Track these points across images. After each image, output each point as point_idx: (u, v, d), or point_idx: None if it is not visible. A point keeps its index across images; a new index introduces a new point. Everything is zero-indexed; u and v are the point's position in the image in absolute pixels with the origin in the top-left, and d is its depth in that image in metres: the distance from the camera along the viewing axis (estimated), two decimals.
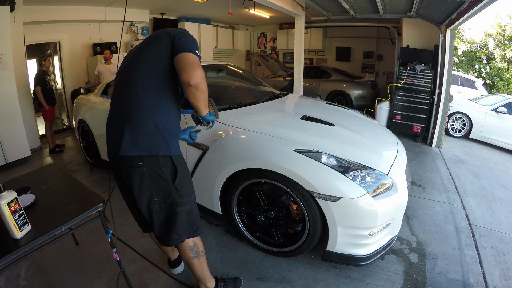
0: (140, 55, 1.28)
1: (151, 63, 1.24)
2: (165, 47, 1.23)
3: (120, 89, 1.32)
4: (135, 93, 1.23)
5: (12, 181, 1.60)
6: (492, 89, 12.30)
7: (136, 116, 1.21)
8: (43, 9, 4.73)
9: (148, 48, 1.28)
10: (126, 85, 1.27)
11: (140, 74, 1.24)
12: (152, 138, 1.22)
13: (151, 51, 1.26)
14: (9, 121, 3.56)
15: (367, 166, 1.67)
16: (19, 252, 1.08)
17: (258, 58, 8.70)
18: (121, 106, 1.27)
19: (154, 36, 1.31)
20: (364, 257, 1.67)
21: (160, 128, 1.23)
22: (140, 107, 1.21)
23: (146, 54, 1.26)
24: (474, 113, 5.77)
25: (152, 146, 1.22)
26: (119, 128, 1.24)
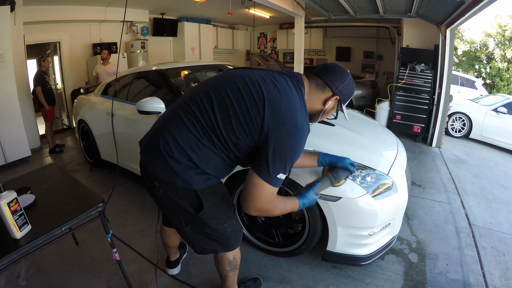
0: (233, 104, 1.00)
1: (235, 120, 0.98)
2: (254, 132, 0.97)
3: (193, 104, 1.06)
4: (188, 122, 1.03)
5: (12, 181, 1.60)
6: (492, 89, 12.30)
7: (169, 137, 1.05)
8: (43, 9, 4.73)
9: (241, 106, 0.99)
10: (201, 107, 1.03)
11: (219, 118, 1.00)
12: (171, 165, 1.04)
13: (242, 114, 0.98)
14: (9, 121, 3.56)
15: (367, 166, 1.67)
16: (19, 252, 1.08)
17: (258, 58, 8.70)
18: (176, 122, 1.06)
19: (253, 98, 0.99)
20: (364, 257, 1.67)
21: (195, 163, 1.04)
22: (179, 132, 1.04)
23: (238, 110, 0.98)
24: (474, 113, 5.77)
25: (169, 173, 1.05)
26: (157, 139, 1.09)
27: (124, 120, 2.65)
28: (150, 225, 2.25)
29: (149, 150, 1.13)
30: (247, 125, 0.97)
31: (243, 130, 0.98)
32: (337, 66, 1.14)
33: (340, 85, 1.11)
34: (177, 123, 1.06)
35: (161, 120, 1.17)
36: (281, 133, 0.95)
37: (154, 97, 2.13)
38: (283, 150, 0.96)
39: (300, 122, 0.97)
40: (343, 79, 1.11)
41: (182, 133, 1.04)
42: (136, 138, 2.66)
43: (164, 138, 1.06)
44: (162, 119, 1.17)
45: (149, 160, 1.12)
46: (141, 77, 2.85)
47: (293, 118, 0.96)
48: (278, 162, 0.96)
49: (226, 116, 0.99)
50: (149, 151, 1.13)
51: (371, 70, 8.96)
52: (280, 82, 1.03)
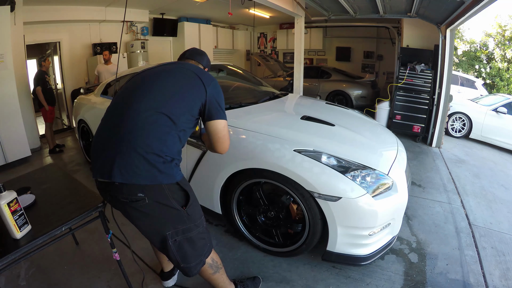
0: (166, 85, 1.21)
1: (179, 98, 1.18)
2: (197, 101, 1.21)
3: (128, 105, 1.17)
4: (147, 117, 1.12)
5: (12, 181, 1.60)
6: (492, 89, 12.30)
7: (140, 141, 1.08)
8: (43, 9, 4.73)
9: (177, 84, 1.22)
10: (138, 106, 1.15)
11: (161, 103, 1.15)
12: (154, 165, 1.09)
13: (180, 91, 1.20)
14: (9, 121, 3.56)
15: (367, 166, 1.67)
16: (19, 252, 1.08)
17: (258, 58, 8.71)
18: (125, 125, 1.12)
19: (185, 76, 1.26)
20: (364, 257, 1.67)
21: (166, 156, 1.12)
22: (149, 133, 1.10)
23: (174, 90, 1.20)
24: (474, 113, 5.77)
25: (154, 175, 1.09)
26: (115, 148, 1.09)
27: None
28: None
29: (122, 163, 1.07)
30: (193, 98, 1.21)
31: (191, 107, 1.21)
32: (198, 49, 1.53)
33: (206, 60, 1.50)
34: (141, 122, 1.11)
35: (115, 130, 1.14)
36: (215, 87, 1.27)
37: None
38: (221, 94, 1.29)
39: (212, 76, 1.33)
40: (205, 55, 1.51)
41: (150, 130, 1.11)
42: None
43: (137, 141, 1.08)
44: (117, 128, 1.14)
45: (126, 174, 1.07)
46: None
47: (211, 76, 1.32)
48: (222, 103, 1.29)
49: (177, 102, 1.18)
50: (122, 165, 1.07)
51: (371, 70, 8.96)
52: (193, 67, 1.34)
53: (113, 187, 1.10)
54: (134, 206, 1.12)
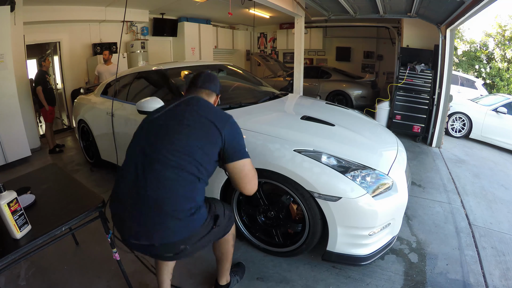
0: (182, 138, 1.16)
1: (198, 151, 1.15)
2: (215, 147, 1.19)
3: (150, 164, 1.13)
4: (171, 177, 1.11)
5: (12, 181, 1.60)
6: (492, 89, 12.29)
7: (169, 204, 1.09)
8: (43, 9, 4.73)
9: (193, 135, 1.17)
10: (160, 166, 1.12)
11: (181, 159, 1.12)
12: (188, 220, 1.12)
13: (198, 140, 1.16)
14: (9, 121, 3.56)
15: (367, 166, 1.67)
16: (19, 252, 1.08)
17: (258, 58, 8.71)
18: (150, 188, 1.10)
19: (200, 123, 1.20)
20: (364, 257, 1.67)
21: (195, 209, 1.15)
22: (176, 194, 1.11)
23: (191, 141, 1.15)
24: (474, 113, 5.77)
25: (191, 225, 1.14)
26: (146, 214, 1.09)
27: (124, 120, 2.65)
28: None
29: (154, 225, 1.09)
30: (211, 150, 1.19)
31: (210, 154, 1.20)
32: (210, 74, 1.44)
33: (218, 86, 1.44)
34: (166, 181, 1.10)
35: (137, 186, 1.12)
36: (231, 127, 1.24)
37: (154, 97, 2.13)
38: (239, 134, 1.28)
39: (226, 114, 1.29)
40: (217, 81, 1.44)
41: (176, 188, 1.12)
42: None
43: (165, 203, 1.09)
44: (137, 184, 1.12)
45: (163, 236, 1.10)
46: (141, 77, 2.85)
47: (224, 114, 1.28)
48: (242, 141, 1.28)
49: (199, 150, 1.16)
50: (154, 227, 1.09)
51: (371, 70, 8.96)
52: (207, 102, 1.34)
53: (154, 248, 1.14)
54: (179, 255, 1.19)
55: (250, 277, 1.74)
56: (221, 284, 1.56)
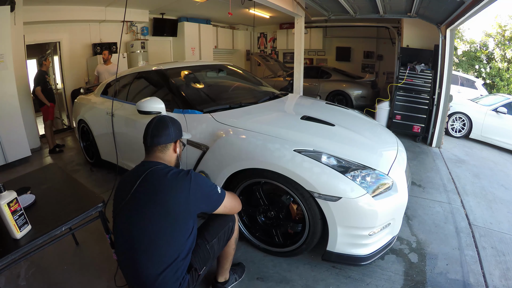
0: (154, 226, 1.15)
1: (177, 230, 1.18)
2: (187, 209, 1.19)
3: (138, 265, 1.15)
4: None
5: (12, 181, 1.60)
6: (492, 89, 12.29)
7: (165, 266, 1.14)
8: (43, 9, 4.73)
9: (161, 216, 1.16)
10: (145, 265, 1.14)
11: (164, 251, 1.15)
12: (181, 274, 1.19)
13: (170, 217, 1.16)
14: (9, 121, 3.56)
15: (367, 166, 1.67)
16: (19, 252, 1.08)
17: (258, 58, 8.71)
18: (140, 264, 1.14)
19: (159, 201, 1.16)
20: (364, 257, 1.67)
21: (183, 258, 1.19)
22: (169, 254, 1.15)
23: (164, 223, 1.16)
24: (474, 113, 5.77)
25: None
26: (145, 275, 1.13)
27: (124, 120, 2.65)
28: None
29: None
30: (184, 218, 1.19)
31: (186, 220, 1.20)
32: (158, 124, 1.33)
33: (172, 133, 1.33)
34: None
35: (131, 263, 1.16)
36: (189, 187, 1.18)
37: (154, 97, 2.13)
38: (201, 187, 1.22)
39: (181, 172, 1.22)
40: (169, 129, 1.32)
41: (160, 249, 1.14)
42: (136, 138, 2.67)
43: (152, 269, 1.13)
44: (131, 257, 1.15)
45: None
46: (141, 77, 2.85)
47: (178, 175, 1.20)
48: (210, 190, 1.26)
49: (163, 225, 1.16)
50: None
51: (371, 70, 8.96)
52: (159, 173, 1.22)
53: None
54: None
55: (250, 277, 1.74)
56: (219, 281, 1.60)
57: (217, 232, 1.37)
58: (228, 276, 1.62)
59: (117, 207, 1.23)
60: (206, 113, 2.09)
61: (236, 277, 1.70)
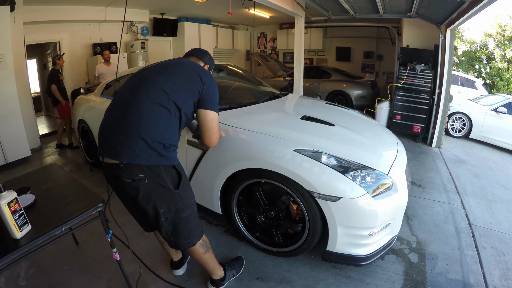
0: (168, 77, 1.34)
1: (177, 90, 1.31)
2: (195, 90, 1.34)
3: (134, 96, 1.31)
4: (152, 107, 1.26)
5: (12, 181, 1.59)
6: (492, 89, 12.30)
7: (145, 129, 1.23)
8: (43, 9, 4.73)
9: (177, 76, 1.36)
10: (144, 95, 1.28)
11: (164, 92, 1.28)
12: (155, 150, 1.24)
13: (180, 81, 1.34)
14: (9, 121, 3.55)
15: (367, 166, 1.67)
16: (19, 252, 1.08)
17: (258, 58, 8.70)
18: (132, 113, 1.26)
19: (185, 69, 1.41)
20: (364, 257, 1.67)
21: (167, 142, 1.27)
22: (154, 122, 1.25)
23: (174, 81, 1.33)
24: (474, 113, 5.77)
25: (155, 157, 1.24)
26: (123, 133, 1.24)
27: None
28: None
29: (127, 145, 1.22)
30: (192, 90, 1.35)
31: (191, 94, 1.35)
32: (201, 49, 1.69)
33: (207, 57, 1.65)
34: (148, 110, 1.25)
35: (122, 115, 1.28)
36: (210, 82, 1.41)
37: None
38: (216, 88, 1.43)
39: (209, 74, 1.46)
40: (207, 53, 1.66)
41: (156, 117, 1.25)
42: None
43: (142, 126, 1.22)
44: (123, 114, 1.28)
45: (130, 155, 1.21)
46: None
47: (207, 74, 1.44)
48: (216, 96, 1.43)
49: (181, 91, 1.33)
50: (126, 147, 1.21)
51: (371, 70, 8.96)
52: (189, 60, 1.52)
53: (118, 168, 1.24)
54: (135, 186, 1.24)
55: (250, 277, 1.74)
56: (213, 279, 1.61)
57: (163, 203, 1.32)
58: (222, 273, 1.62)
59: (141, 72, 1.43)
60: None
61: (234, 272, 1.70)
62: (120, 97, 1.36)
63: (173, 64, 1.44)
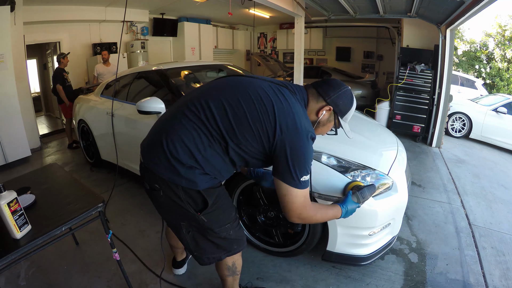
0: (240, 108, 1.03)
1: (242, 121, 1.02)
2: (264, 139, 1.02)
3: (184, 107, 1.10)
4: (191, 124, 1.05)
5: (12, 181, 1.60)
6: (492, 89, 12.30)
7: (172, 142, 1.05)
8: (43, 9, 4.73)
9: (252, 112, 1.02)
10: (190, 108, 1.07)
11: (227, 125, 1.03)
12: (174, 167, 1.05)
13: (253, 122, 1.01)
14: (9, 121, 3.56)
15: (367, 166, 1.67)
16: (19, 252, 1.08)
17: (258, 58, 8.69)
18: (172, 122, 1.10)
19: (260, 105, 1.03)
20: (364, 257, 1.67)
21: (191, 166, 1.06)
22: (184, 139, 1.05)
23: (246, 117, 1.02)
24: (474, 113, 5.77)
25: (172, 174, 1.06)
26: (157, 138, 1.10)
27: (124, 120, 2.65)
28: (151, 225, 2.25)
29: (152, 150, 1.11)
30: (258, 132, 1.02)
31: (253, 137, 1.03)
32: (333, 80, 1.19)
33: (334, 95, 1.13)
34: (183, 124, 1.06)
35: (163, 121, 1.16)
36: (292, 138, 1.00)
37: (154, 97, 2.13)
38: (299, 153, 1.00)
39: (305, 126, 1.04)
40: (337, 90, 1.14)
41: (188, 134, 1.05)
42: (136, 138, 2.66)
43: (169, 138, 1.06)
44: (164, 120, 1.16)
45: (151, 161, 1.10)
46: (141, 77, 2.85)
47: (301, 124, 1.02)
48: (298, 165, 1.01)
49: (239, 123, 1.02)
50: (151, 152, 1.11)
51: (371, 70, 8.96)
52: (286, 94, 1.08)
53: (142, 167, 1.17)
54: (152, 194, 1.16)
55: (250, 277, 1.74)
56: None
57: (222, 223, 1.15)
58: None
59: (211, 83, 1.19)
60: None
61: None
62: (180, 99, 1.20)
63: (257, 91, 1.06)
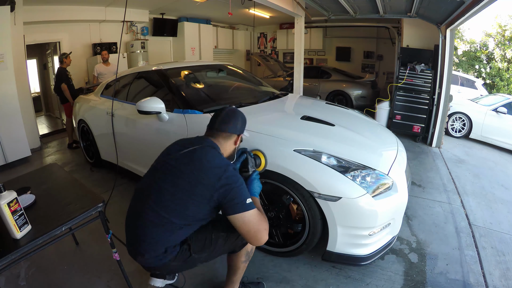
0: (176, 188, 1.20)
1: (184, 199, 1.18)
2: (205, 199, 1.18)
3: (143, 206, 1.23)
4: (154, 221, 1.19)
5: (12, 181, 1.60)
6: (492, 89, 12.30)
7: (146, 245, 1.19)
8: (43, 9, 4.73)
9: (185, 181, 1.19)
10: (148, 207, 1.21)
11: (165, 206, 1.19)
12: (160, 255, 1.20)
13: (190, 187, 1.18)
14: (9, 121, 3.55)
15: (367, 166, 1.67)
16: (19, 252, 1.08)
17: (258, 58, 8.71)
18: (140, 222, 1.22)
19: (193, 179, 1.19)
20: (364, 257, 1.67)
21: (169, 251, 1.20)
22: (154, 238, 1.19)
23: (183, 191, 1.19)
24: (474, 113, 5.77)
25: (160, 260, 1.21)
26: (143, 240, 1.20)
27: (124, 120, 2.65)
28: None
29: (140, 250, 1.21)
30: (200, 200, 1.19)
31: (198, 204, 1.19)
32: (230, 113, 1.39)
33: (239, 126, 1.39)
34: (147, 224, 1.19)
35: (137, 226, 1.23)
36: (225, 180, 1.18)
37: (154, 97, 2.13)
38: (234, 187, 1.18)
39: (228, 165, 1.24)
40: (237, 120, 1.38)
41: (154, 235, 1.19)
42: (136, 138, 2.66)
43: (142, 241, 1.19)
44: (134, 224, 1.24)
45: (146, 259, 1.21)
46: (141, 77, 2.85)
47: (223, 167, 1.22)
48: (240, 192, 1.18)
49: (183, 201, 1.19)
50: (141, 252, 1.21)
51: (371, 70, 8.96)
52: (206, 154, 1.26)
53: (144, 260, 1.25)
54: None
55: (250, 277, 1.74)
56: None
57: (229, 228, 1.24)
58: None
59: (160, 159, 1.33)
60: (206, 113, 2.09)
61: None
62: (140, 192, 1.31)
63: (185, 171, 1.21)
